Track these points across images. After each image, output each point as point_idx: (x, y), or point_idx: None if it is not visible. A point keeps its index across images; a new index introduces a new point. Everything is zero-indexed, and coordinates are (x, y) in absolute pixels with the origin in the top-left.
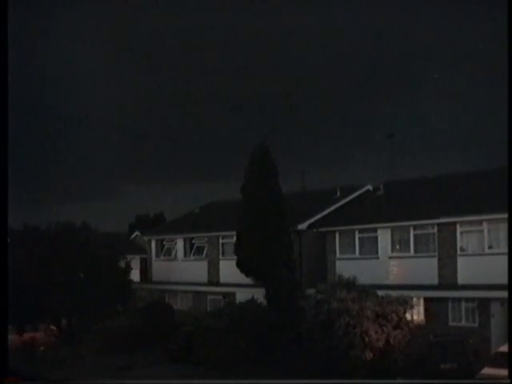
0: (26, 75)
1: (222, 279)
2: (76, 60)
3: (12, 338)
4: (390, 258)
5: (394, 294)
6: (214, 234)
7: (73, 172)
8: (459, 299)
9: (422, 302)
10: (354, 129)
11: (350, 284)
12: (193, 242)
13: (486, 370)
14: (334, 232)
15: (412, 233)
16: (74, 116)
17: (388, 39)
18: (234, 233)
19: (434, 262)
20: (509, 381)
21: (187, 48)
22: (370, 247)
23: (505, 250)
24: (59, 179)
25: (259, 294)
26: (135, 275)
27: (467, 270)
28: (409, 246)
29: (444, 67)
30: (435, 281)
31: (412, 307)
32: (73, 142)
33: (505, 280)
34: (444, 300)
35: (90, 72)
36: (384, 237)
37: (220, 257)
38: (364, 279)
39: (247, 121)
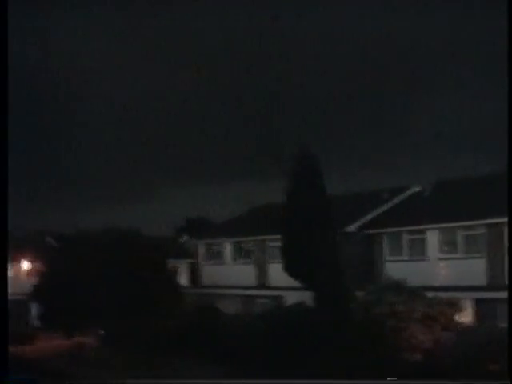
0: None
1: (271, 282)
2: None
3: (60, 342)
4: (439, 259)
5: (442, 295)
6: (262, 237)
7: (122, 173)
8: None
9: (470, 303)
10: (402, 129)
11: (398, 286)
12: (241, 245)
13: None
14: (382, 234)
15: (461, 234)
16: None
17: (428, 36)
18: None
19: (483, 262)
20: (509, 381)
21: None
22: (419, 249)
23: None
24: (109, 181)
25: (307, 297)
26: (184, 279)
27: None
28: (457, 247)
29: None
30: (484, 282)
31: (461, 309)
32: (120, 143)
33: None
34: (493, 301)
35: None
36: (432, 238)
37: (268, 260)
38: (412, 281)
39: (293, 122)
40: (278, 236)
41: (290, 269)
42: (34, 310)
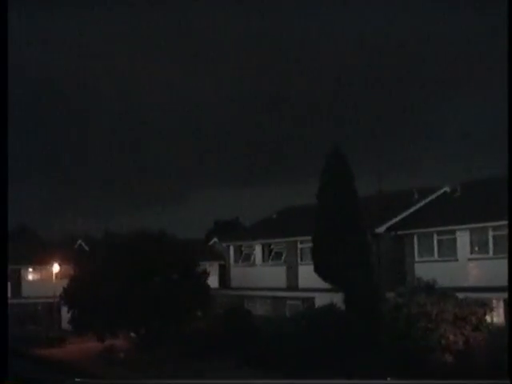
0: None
1: (301, 284)
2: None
3: (93, 345)
4: (469, 259)
5: (473, 296)
6: (292, 239)
7: (149, 176)
8: None
9: (502, 303)
10: (430, 130)
11: (429, 287)
12: (271, 247)
13: None
14: (413, 235)
15: (491, 234)
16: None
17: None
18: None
19: None
20: (509, 381)
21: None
22: (449, 249)
23: None
24: (136, 184)
25: (338, 299)
26: (214, 281)
27: None
28: (488, 248)
29: None
30: None
31: (492, 309)
32: (148, 146)
33: None
34: None
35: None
36: (463, 238)
37: (299, 262)
38: (443, 282)
39: (324, 123)
40: (308, 238)
41: (320, 270)
42: (66, 313)
